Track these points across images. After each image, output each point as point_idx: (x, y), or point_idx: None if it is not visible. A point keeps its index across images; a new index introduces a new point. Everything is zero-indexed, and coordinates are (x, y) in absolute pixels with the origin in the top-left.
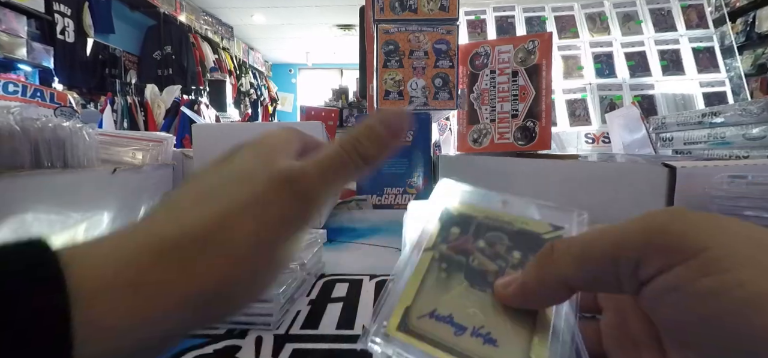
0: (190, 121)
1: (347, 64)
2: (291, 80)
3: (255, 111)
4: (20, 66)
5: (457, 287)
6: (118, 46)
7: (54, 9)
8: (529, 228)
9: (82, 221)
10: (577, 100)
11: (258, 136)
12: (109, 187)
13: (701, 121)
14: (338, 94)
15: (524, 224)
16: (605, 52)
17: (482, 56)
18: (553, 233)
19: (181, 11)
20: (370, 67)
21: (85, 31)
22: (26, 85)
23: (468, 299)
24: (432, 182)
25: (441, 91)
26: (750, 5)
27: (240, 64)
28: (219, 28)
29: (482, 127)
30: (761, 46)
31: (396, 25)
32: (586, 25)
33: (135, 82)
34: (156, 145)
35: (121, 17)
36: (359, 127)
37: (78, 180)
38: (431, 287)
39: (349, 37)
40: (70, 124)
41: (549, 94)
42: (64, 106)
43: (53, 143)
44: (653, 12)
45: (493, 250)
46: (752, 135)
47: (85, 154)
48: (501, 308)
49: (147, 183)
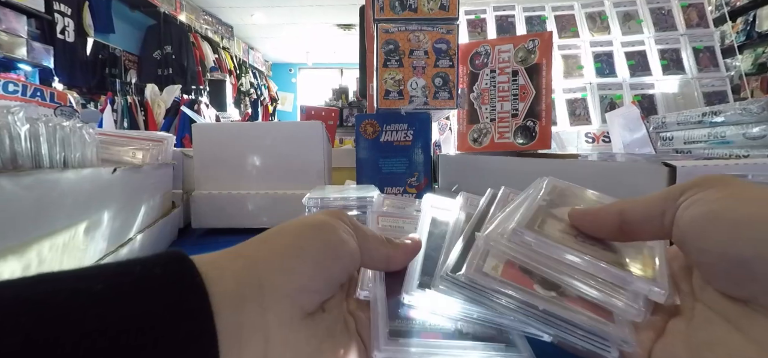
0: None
1: (347, 64)
2: (291, 80)
3: (255, 110)
4: (20, 66)
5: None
6: (118, 46)
7: (54, 9)
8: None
9: (82, 221)
10: (577, 99)
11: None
12: (109, 187)
13: (701, 121)
14: (338, 94)
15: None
16: (605, 51)
17: (482, 56)
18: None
19: (181, 11)
20: (370, 66)
21: (85, 31)
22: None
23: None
24: (432, 181)
25: (441, 91)
26: (750, 4)
27: (240, 63)
28: (219, 28)
29: (482, 126)
30: (761, 45)
31: (396, 24)
32: (586, 25)
33: (135, 82)
34: (156, 145)
35: (121, 17)
36: (385, 249)
37: (78, 180)
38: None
39: (349, 37)
40: (70, 124)
41: (549, 94)
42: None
43: (53, 143)
44: (653, 11)
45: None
46: (752, 134)
47: (84, 154)
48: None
49: (147, 183)
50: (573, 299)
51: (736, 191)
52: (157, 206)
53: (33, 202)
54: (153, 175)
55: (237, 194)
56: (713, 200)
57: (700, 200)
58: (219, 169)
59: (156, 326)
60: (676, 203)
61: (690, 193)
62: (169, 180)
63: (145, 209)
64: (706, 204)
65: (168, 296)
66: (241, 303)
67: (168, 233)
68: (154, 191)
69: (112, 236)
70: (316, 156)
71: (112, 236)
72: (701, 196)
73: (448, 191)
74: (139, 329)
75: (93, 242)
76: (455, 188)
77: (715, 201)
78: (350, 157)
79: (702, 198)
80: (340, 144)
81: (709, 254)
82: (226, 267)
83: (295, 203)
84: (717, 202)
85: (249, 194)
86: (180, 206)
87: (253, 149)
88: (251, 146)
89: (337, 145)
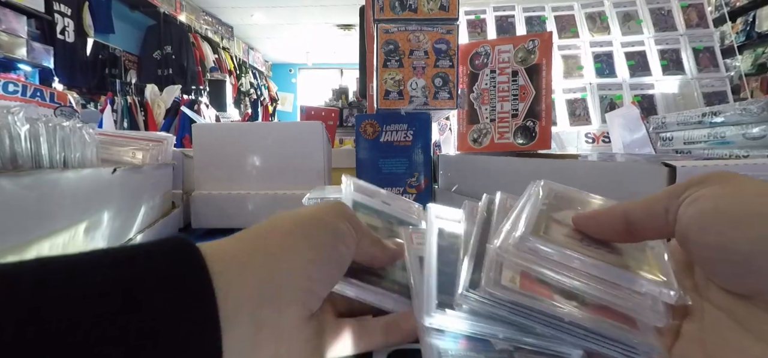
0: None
1: (347, 64)
2: (291, 80)
3: (255, 111)
4: (20, 66)
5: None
6: (118, 46)
7: (54, 9)
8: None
9: (82, 221)
10: (577, 99)
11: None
12: (109, 187)
13: (701, 121)
14: (338, 94)
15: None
16: (605, 51)
17: (482, 56)
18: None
19: (181, 11)
20: (370, 66)
21: (85, 31)
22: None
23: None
24: (432, 181)
25: (441, 91)
26: (750, 5)
27: (240, 63)
28: (219, 28)
29: (482, 126)
30: (761, 46)
31: (396, 24)
32: (586, 25)
33: (135, 82)
34: (156, 145)
35: (121, 17)
36: (373, 248)
37: (78, 180)
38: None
39: (349, 37)
40: (70, 124)
41: (549, 94)
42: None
43: (53, 143)
44: (653, 11)
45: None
46: (752, 134)
47: (84, 154)
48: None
49: (147, 183)
50: (594, 307)
51: (737, 186)
52: (157, 206)
53: (33, 202)
54: (153, 176)
55: (237, 194)
56: (714, 196)
57: (702, 196)
58: (219, 170)
59: (161, 331)
60: (679, 200)
61: (692, 189)
62: (169, 180)
63: (145, 209)
64: (707, 200)
65: (177, 305)
66: (260, 304)
67: (168, 233)
68: (154, 191)
69: (112, 236)
70: (316, 156)
71: (112, 236)
72: (702, 192)
73: (448, 191)
74: (149, 331)
75: (93, 241)
76: (455, 188)
77: (716, 197)
78: (350, 157)
79: (703, 194)
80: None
81: (709, 250)
82: (247, 263)
83: (295, 203)
84: (717, 198)
85: (249, 194)
86: (180, 206)
87: (253, 149)
88: (251, 146)
89: (337, 146)
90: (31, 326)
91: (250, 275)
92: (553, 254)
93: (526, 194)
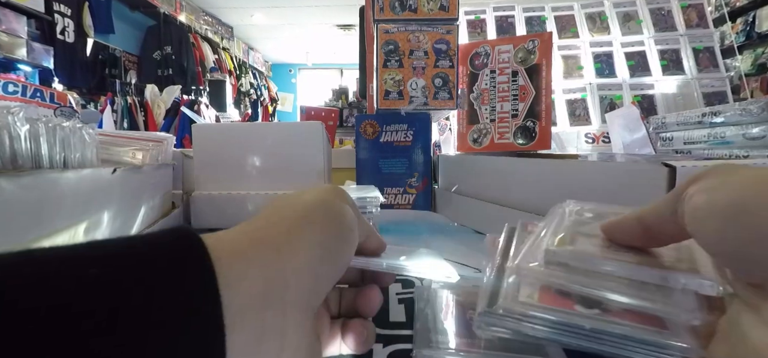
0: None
1: (347, 64)
2: (291, 80)
3: (255, 111)
4: (20, 66)
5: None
6: (118, 46)
7: (54, 9)
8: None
9: (82, 221)
10: (577, 99)
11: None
12: (109, 187)
13: (701, 121)
14: (338, 94)
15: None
16: (605, 51)
17: (482, 56)
18: None
19: (180, 11)
20: (370, 67)
21: (85, 31)
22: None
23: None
24: (432, 181)
25: (441, 91)
26: (750, 5)
27: (240, 64)
28: (219, 28)
29: (482, 126)
30: (761, 46)
31: (396, 24)
32: (586, 25)
33: (135, 83)
34: (156, 145)
35: (121, 17)
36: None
37: (78, 180)
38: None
39: (349, 37)
40: (70, 124)
41: (549, 94)
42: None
43: (53, 143)
44: (653, 12)
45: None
46: (752, 134)
47: (84, 154)
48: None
49: (147, 183)
50: (618, 313)
51: (735, 176)
52: (157, 206)
53: (33, 202)
54: (153, 176)
55: (237, 194)
56: (707, 190)
57: (701, 189)
58: (219, 170)
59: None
60: (682, 199)
61: (691, 186)
62: (169, 180)
63: (145, 209)
64: (706, 193)
65: (179, 309)
66: (264, 306)
67: None
68: (154, 192)
69: (112, 236)
70: (316, 156)
71: (112, 236)
72: (702, 185)
73: (448, 191)
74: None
75: None
76: (455, 189)
77: (709, 190)
78: (350, 157)
79: (703, 187)
80: (340, 144)
81: (711, 244)
82: (253, 258)
83: None
84: (710, 191)
85: (249, 194)
86: (180, 206)
87: (253, 150)
88: (251, 147)
89: (337, 146)
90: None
91: (256, 273)
92: (579, 259)
93: (550, 216)
